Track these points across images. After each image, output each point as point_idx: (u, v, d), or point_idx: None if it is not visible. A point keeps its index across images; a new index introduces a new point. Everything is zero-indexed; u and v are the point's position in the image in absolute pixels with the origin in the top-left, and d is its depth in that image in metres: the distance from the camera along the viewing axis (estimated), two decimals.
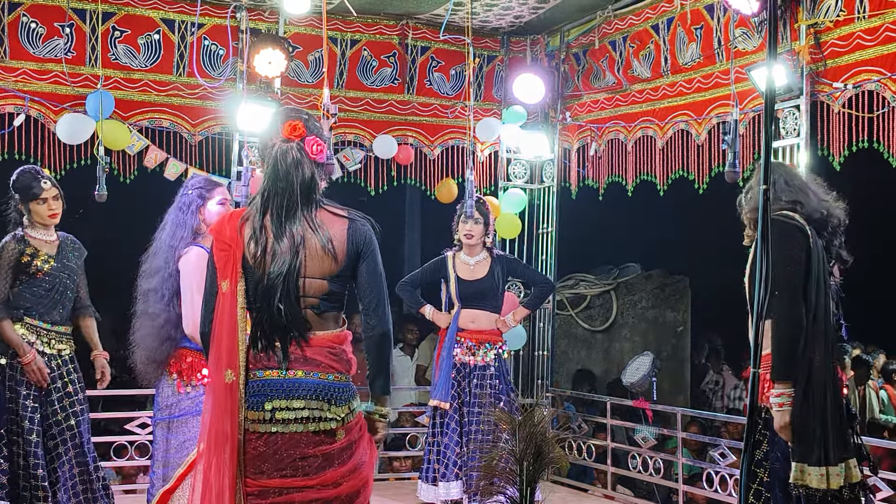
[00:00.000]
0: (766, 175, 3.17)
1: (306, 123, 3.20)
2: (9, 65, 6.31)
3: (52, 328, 5.10)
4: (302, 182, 3.12)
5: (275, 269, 3.06)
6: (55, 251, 5.13)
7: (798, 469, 3.51)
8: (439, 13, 7.05)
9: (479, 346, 6.08)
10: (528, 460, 4.90)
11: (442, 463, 5.99)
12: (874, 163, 5.21)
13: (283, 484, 3.07)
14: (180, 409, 4.56)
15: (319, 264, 3.11)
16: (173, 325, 4.53)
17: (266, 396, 3.09)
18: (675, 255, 10.39)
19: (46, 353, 5.06)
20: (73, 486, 5.07)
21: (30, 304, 5.04)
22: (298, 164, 3.12)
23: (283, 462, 3.08)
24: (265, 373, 3.11)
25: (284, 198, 3.10)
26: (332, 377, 3.13)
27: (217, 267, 3.14)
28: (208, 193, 4.66)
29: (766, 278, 2.54)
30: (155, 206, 4.95)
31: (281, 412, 3.08)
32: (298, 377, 3.10)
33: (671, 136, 6.56)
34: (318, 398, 3.09)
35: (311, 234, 3.10)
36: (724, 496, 6.01)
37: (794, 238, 3.63)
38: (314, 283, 3.12)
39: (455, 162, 7.57)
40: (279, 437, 3.08)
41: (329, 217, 3.16)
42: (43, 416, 5.03)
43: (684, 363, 9.39)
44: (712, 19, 6.12)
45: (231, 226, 3.15)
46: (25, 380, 4.99)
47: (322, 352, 3.13)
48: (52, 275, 5.08)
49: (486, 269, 6.14)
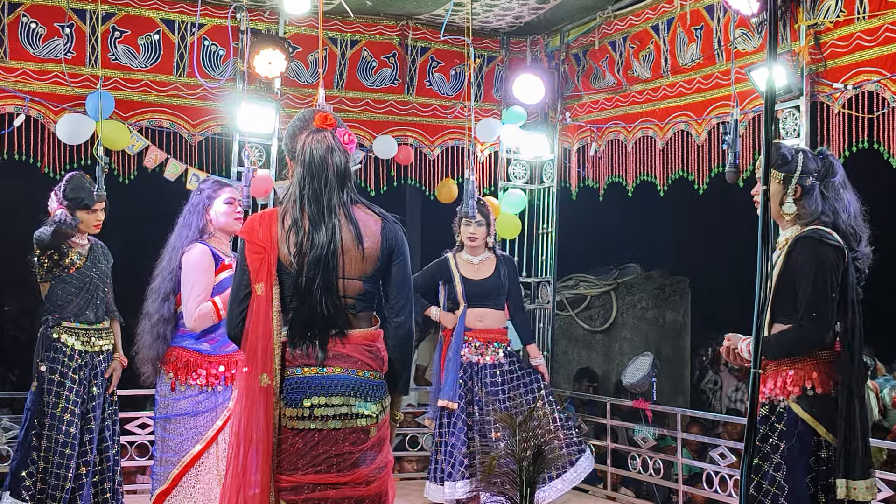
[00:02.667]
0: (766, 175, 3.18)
1: (335, 115, 3.23)
2: (9, 65, 6.31)
3: (90, 327, 5.18)
4: (337, 167, 3.12)
5: (312, 257, 3.06)
6: (87, 252, 5.25)
7: (844, 485, 3.52)
8: (439, 14, 7.05)
9: (487, 346, 6.09)
10: (527, 460, 4.90)
11: (448, 463, 5.99)
12: (874, 163, 5.21)
13: (317, 479, 3.08)
14: (177, 409, 4.57)
15: (354, 264, 3.12)
16: (165, 323, 4.57)
17: (304, 393, 3.09)
18: (675, 255, 10.39)
19: (89, 352, 5.15)
20: (95, 485, 5.19)
21: (62, 302, 5.12)
22: (332, 150, 3.13)
23: (319, 458, 3.09)
24: (303, 370, 3.11)
25: (321, 182, 3.10)
26: (368, 374, 3.14)
27: (251, 269, 3.11)
28: (215, 193, 4.71)
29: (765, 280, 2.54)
30: (155, 206, 4.96)
31: (320, 409, 3.08)
32: (336, 374, 3.11)
33: (671, 136, 6.56)
34: (356, 395, 3.11)
35: (347, 227, 3.10)
36: (723, 496, 6.01)
37: (833, 262, 3.60)
38: (351, 283, 3.13)
39: (455, 162, 7.58)
40: (317, 433, 3.09)
41: (364, 215, 3.18)
42: (83, 413, 5.13)
43: (684, 363, 9.39)
44: (712, 20, 6.12)
45: (264, 227, 3.13)
46: (68, 382, 5.06)
47: (359, 349, 3.14)
48: (82, 272, 5.18)
49: (492, 268, 6.15)
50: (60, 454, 5.01)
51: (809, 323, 3.56)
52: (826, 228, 3.66)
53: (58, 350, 5.10)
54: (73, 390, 5.07)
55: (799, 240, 3.65)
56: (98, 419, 5.17)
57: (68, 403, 5.04)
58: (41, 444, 5.03)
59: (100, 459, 5.20)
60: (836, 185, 3.75)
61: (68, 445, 5.02)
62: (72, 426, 5.04)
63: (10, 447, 5.95)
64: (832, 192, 3.73)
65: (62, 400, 5.04)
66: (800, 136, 5.45)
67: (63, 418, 5.03)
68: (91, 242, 5.30)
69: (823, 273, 3.56)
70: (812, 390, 3.59)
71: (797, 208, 3.72)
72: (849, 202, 3.77)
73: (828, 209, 3.71)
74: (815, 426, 3.58)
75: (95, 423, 5.15)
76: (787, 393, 3.63)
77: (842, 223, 3.71)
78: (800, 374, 3.62)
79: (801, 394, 3.60)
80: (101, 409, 5.19)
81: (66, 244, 5.14)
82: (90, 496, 5.15)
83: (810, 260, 3.59)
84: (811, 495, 3.56)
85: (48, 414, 5.03)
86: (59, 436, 5.01)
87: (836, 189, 3.74)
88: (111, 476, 5.24)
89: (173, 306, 4.58)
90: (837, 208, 3.72)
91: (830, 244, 3.61)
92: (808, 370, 3.61)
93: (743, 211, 3.88)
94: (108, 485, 5.22)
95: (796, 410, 3.60)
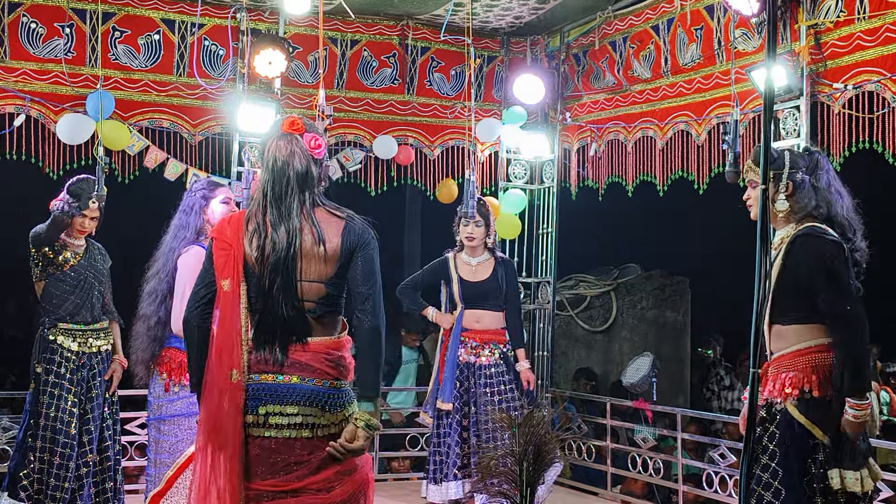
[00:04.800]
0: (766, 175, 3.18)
1: (305, 122, 3.24)
2: (9, 65, 6.30)
3: (86, 328, 5.17)
4: (297, 172, 3.13)
5: (272, 261, 3.08)
6: (82, 251, 5.25)
7: (837, 475, 3.52)
8: (439, 14, 7.05)
9: (483, 346, 6.08)
10: (528, 461, 4.90)
11: (446, 463, 6.00)
12: (874, 163, 5.21)
13: (275, 487, 3.07)
14: (171, 410, 4.58)
15: (314, 266, 3.11)
16: (162, 326, 4.57)
17: (260, 401, 3.09)
18: (675, 255, 10.38)
19: (86, 353, 5.14)
20: (95, 485, 5.19)
21: (57, 301, 5.11)
22: (293, 154, 3.15)
23: (277, 466, 3.08)
24: (261, 376, 3.11)
25: (280, 188, 3.12)
26: (328, 384, 3.12)
27: (216, 265, 3.15)
28: (211, 194, 4.70)
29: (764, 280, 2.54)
30: (155, 206, 4.96)
31: (274, 417, 3.08)
32: (293, 383, 3.10)
33: (671, 136, 6.55)
34: (313, 405, 3.09)
35: (307, 230, 3.11)
36: (723, 496, 6.01)
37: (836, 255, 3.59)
38: (311, 286, 3.12)
39: (455, 162, 7.57)
40: (273, 441, 3.08)
41: (326, 217, 3.17)
42: (82, 413, 5.13)
43: (684, 363, 9.39)
44: (712, 20, 6.12)
45: (232, 227, 3.17)
46: (65, 384, 5.06)
47: (318, 357, 3.12)
48: (77, 270, 5.18)
49: (490, 270, 6.15)
50: (60, 455, 5.01)
51: (850, 317, 3.52)
52: (821, 225, 3.66)
53: (54, 352, 5.09)
54: (70, 391, 5.06)
55: (797, 238, 3.65)
56: (97, 420, 5.16)
57: (66, 404, 5.04)
58: (36, 444, 5.02)
59: (100, 460, 5.20)
60: (828, 178, 3.74)
61: (68, 446, 5.02)
62: (70, 427, 5.04)
63: (10, 447, 5.95)
64: (823, 184, 3.72)
65: (59, 401, 5.03)
66: (800, 136, 5.45)
67: (61, 419, 5.02)
68: (88, 243, 5.30)
69: (833, 269, 3.56)
70: (809, 393, 3.59)
71: (790, 204, 3.72)
72: (841, 193, 3.77)
73: (821, 202, 3.70)
74: (812, 429, 3.57)
75: (94, 424, 5.15)
76: (786, 395, 3.62)
77: (837, 215, 3.70)
78: (799, 376, 3.61)
79: (800, 396, 3.60)
80: (100, 410, 5.19)
81: (61, 243, 5.14)
82: (90, 496, 5.15)
83: (816, 259, 3.58)
84: (808, 498, 3.55)
85: (44, 415, 5.03)
86: (57, 436, 5.01)
87: (827, 181, 3.73)
88: (112, 476, 5.24)
89: (169, 308, 4.57)
90: (831, 200, 3.72)
91: (829, 240, 3.61)
92: (807, 372, 3.60)
93: (743, 211, 3.88)
94: (109, 485, 5.22)
95: (792, 413, 3.59)
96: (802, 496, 3.54)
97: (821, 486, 3.54)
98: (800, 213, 3.70)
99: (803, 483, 3.55)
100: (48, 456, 5.01)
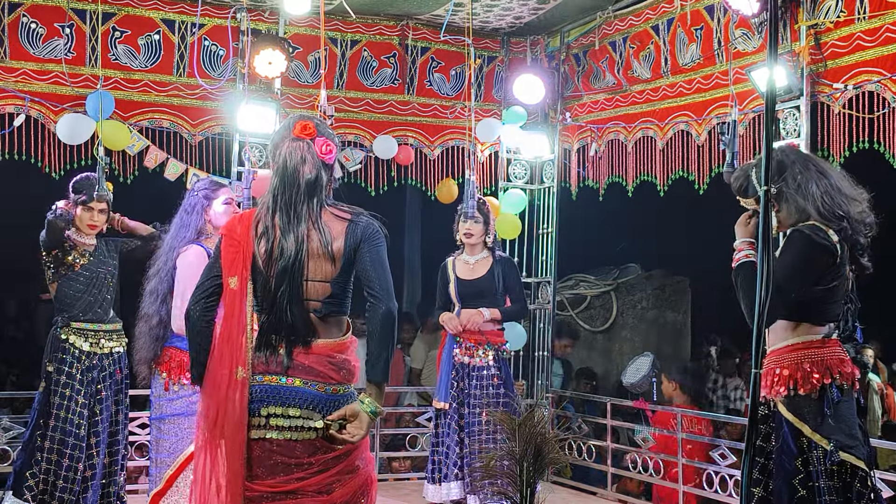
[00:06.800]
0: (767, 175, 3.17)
1: (318, 125, 3.23)
2: (9, 65, 6.31)
3: (99, 328, 5.16)
4: (307, 180, 3.14)
5: (280, 266, 3.08)
6: (92, 250, 5.25)
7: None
8: (439, 14, 7.06)
9: (478, 347, 6.05)
10: (528, 461, 4.90)
11: (444, 464, 6.00)
12: (875, 163, 5.21)
13: (275, 488, 3.07)
14: (171, 409, 4.58)
15: (321, 267, 3.11)
16: (164, 325, 4.57)
17: (262, 402, 3.10)
18: (675, 255, 10.39)
19: (97, 354, 5.14)
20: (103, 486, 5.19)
21: (70, 300, 5.12)
22: (305, 161, 3.15)
23: (277, 468, 3.08)
24: (264, 378, 3.12)
25: (291, 194, 3.13)
26: (331, 388, 3.12)
27: (224, 263, 3.15)
28: (213, 194, 4.71)
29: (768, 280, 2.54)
30: (155, 206, 4.96)
31: (276, 419, 3.08)
32: (296, 386, 3.10)
33: (671, 136, 6.56)
34: (316, 409, 3.09)
35: (314, 234, 3.11)
36: (723, 496, 6.01)
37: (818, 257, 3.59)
38: (316, 285, 3.12)
39: (455, 162, 7.58)
40: (274, 442, 3.08)
41: (332, 218, 3.17)
42: (91, 415, 5.13)
43: (684, 363, 9.39)
44: (712, 20, 6.12)
45: (243, 225, 3.18)
46: (75, 384, 5.05)
47: (322, 360, 3.12)
48: (89, 269, 5.19)
49: (487, 268, 6.11)
50: (70, 456, 5.00)
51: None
52: (822, 227, 3.63)
53: (65, 351, 5.09)
54: (80, 392, 5.06)
55: (792, 232, 3.67)
56: (106, 422, 5.15)
57: (76, 405, 5.04)
58: (45, 444, 5.02)
59: (109, 462, 5.19)
60: (794, 173, 3.68)
61: (77, 448, 5.01)
62: (80, 428, 5.03)
63: (10, 447, 5.96)
64: (793, 187, 3.67)
65: (70, 402, 5.03)
66: (800, 137, 5.45)
67: (71, 420, 5.02)
68: (97, 242, 5.30)
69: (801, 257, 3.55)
70: (794, 390, 3.60)
71: (780, 218, 3.73)
72: (824, 172, 3.69)
73: (805, 203, 3.65)
74: (801, 426, 3.58)
75: (103, 426, 5.13)
76: (776, 393, 3.64)
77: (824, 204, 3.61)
78: (786, 371, 3.63)
79: (787, 394, 3.61)
80: (109, 412, 5.18)
81: (69, 243, 5.14)
82: (96, 499, 5.13)
83: (791, 247, 3.61)
84: (799, 498, 3.56)
85: (54, 415, 5.03)
86: (67, 438, 5.00)
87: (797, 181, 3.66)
88: (116, 479, 5.23)
89: (170, 307, 4.57)
90: (810, 193, 3.63)
91: (820, 243, 3.59)
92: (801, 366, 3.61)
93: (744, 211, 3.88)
94: (112, 489, 5.21)
95: (782, 411, 3.62)
96: (793, 496, 3.56)
97: (815, 486, 3.55)
98: (794, 216, 3.70)
99: (795, 482, 3.56)
100: (56, 457, 5.00)
